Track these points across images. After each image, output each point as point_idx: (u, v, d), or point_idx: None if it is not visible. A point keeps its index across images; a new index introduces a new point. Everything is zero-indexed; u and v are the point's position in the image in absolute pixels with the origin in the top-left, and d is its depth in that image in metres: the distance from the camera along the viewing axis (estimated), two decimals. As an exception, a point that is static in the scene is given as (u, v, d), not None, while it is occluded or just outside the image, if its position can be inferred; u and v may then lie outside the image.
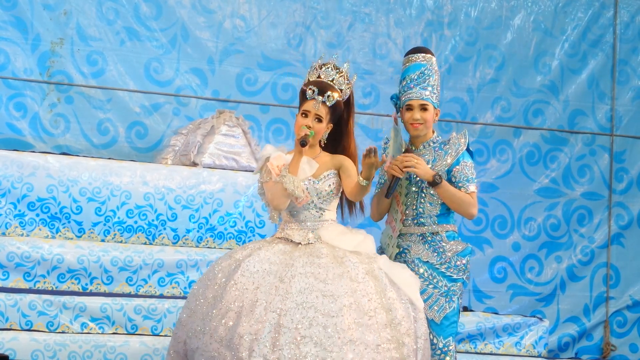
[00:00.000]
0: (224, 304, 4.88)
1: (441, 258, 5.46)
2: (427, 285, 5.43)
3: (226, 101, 8.23)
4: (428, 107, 5.51)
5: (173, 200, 7.23)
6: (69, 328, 6.62)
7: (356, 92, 8.64)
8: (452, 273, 5.45)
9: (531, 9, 8.92)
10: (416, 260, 5.47)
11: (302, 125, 5.15)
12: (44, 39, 7.88)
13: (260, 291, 4.87)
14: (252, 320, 4.78)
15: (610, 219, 8.97)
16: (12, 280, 6.74)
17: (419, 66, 5.56)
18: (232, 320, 4.81)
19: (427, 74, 5.54)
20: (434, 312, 5.40)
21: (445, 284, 5.44)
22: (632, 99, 9.09)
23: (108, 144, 8.01)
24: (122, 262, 6.91)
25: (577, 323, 8.84)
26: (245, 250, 5.13)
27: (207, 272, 5.13)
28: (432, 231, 5.51)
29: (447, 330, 5.42)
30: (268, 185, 5.16)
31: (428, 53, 5.61)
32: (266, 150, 5.25)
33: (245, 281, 4.91)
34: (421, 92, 5.51)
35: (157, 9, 8.15)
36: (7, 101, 7.77)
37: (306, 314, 4.80)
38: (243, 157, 7.55)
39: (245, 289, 4.88)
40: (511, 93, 8.88)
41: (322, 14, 8.51)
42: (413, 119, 5.50)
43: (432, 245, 5.49)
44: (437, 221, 5.51)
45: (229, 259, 5.10)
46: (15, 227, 6.95)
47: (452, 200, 5.44)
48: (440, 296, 5.43)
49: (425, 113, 5.51)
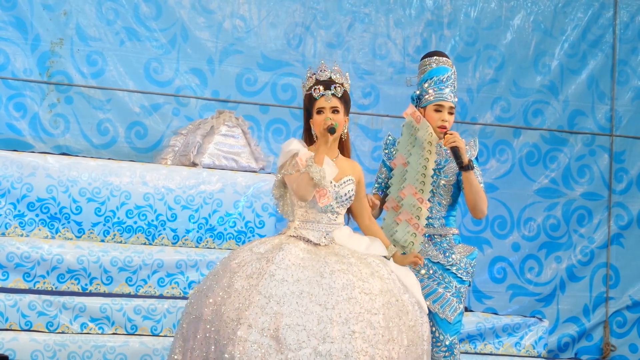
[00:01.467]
0: (261, 294, 4.79)
1: (450, 259, 5.47)
2: (438, 285, 5.45)
3: (226, 101, 8.23)
4: (454, 112, 5.51)
5: (173, 201, 7.23)
6: (69, 328, 6.62)
7: (356, 92, 8.70)
8: (462, 275, 5.47)
9: (531, 9, 8.92)
10: (426, 260, 5.48)
11: (323, 120, 5.14)
12: (44, 39, 7.88)
13: (301, 284, 4.82)
14: (298, 311, 4.74)
15: (610, 219, 8.97)
16: (11, 281, 6.74)
17: (447, 70, 5.55)
18: (274, 311, 4.74)
19: (454, 79, 5.55)
20: (447, 312, 5.42)
21: (456, 285, 5.46)
22: (632, 99, 9.09)
23: (108, 144, 8.01)
24: (121, 263, 6.91)
25: (577, 323, 8.84)
26: (265, 244, 5.06)
27: (224, 266, 5.00)
28: (439, 233, 5.52)
29: (454, 328, 5.44)
30: (293, 177, 5.11)
31: (450, 61, 5.61)
32: (293, 145, 5.18)
33: (283, 273, 4.84)
34: (451, 96, 5.50)
35: (156, 9, 8.15)
36: (6, 101, 7.77)
37: (353, 309, 4.80)
38: (243, 157, 7.55)
39: (285, 281, 4.81)
40: (511, 93, 8.88)
41: (321, 14, 8.51)
42: (442, 120, 5.47)
43: (440, 246, 5.51)
44: (444, 223, 5.53)
45: (248, 252, 5.00)
46: (15, 227, 6.95)
47: (476, 191, 5.42)
48: (452, 296, 5.44)
49: (451, 117, 5.49)
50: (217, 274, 4.99)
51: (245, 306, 4.76)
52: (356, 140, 8.49)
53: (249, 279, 4.85)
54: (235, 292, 4.83)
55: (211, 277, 5.02)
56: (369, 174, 8.52)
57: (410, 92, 5.71)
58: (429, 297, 5.43)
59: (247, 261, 4.94)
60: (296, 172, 5.09)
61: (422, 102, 5.52)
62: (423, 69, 5.59)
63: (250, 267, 4.91)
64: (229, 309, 4.79)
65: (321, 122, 5.12)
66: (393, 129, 8.55)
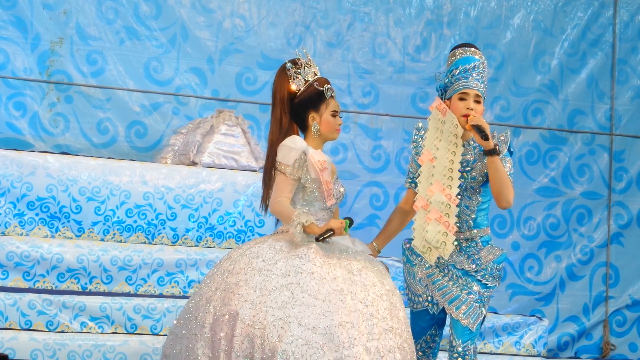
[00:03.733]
0: (306, 292, 4.78)
1: (477, 265, 5.26)
2: (461, 291, 5.25)
3: (226, 100, 8.23)
4: (481, 100, 5.26)
5: (172, 200, 7.23)
6: (69, 327, 6.62)
7: (356, 91, 8.70)
8: (488, 280, 5.27)
9: (531, 9, 8.92)
10: (450, 266, 5.28)
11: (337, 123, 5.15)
12: (44, 38, 7.88)
13: (339, 281, 4.82)
14: (345, 309, 4.74)
15: (610, 218, 8.97)
16: (11, 280, 6.74)
17: (473, 59, 5.31)
18: (321, 308, 4.73)
19: (482, 69, 5.30)
20: (469, 320, 5.23)
21: (479, 290, 5.25)
22: (632, 98, 9.09)
23: (107, 143, 8.01)
24: (121, 262, 6.91)
25: (577, 322, 8.84)
26: (280, 242, 5.01)
27: (240, 264, 4.91)
28: (467, 237, 5.29)
29: (471, 334, 5.25)
30: (286, 183, 5.09)
31: (480, 52, 5.39)
32: (302, 143, 5.12)
33: (321, 271, 4.83)
34: (477, 84, 5.25)
35: (156, 9, 8.15)
36: (6, 100, 7.77)
37: (386, 306, 4.87)
38: (242, 156, 7.55)
39: (324, 279, 4.81)
40: (511, 92, 8.88)
41: (321, 13, 8.51)
42: (467, 108, 5.21)
43: (466, 252, 5.28)
44: (472, 227, 5.29)
45: (270, 250, 4.96)
46: (14, 226, 6.95)
47: (501, 179, 5.12)
48: (475, 302, 5.25)
49: (478, 106, 5.23)
50: (239, 273, 4.90)
51: (291, 304, 4.74)
52: (356, 140, 8.49)
53: (286, 276, 4.82)
54: (276, 291, 4.79)
55: (235, 275, 4.91)
56: (369, 173, 8.56)
57: (412, 91, 5.67)
58: (453, 303, 5.25)
59: (277, 259, 4.90)
60: (288, 175, 5.06)
61: (448, 93, 5.30)
62: (450, 61, 5.36)
63: (284, 264, 4.87)
64: (272, 307, 4.74)
65: (334, 125, 5.13)
66: (393, 128, 8.56)
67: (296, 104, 5.17)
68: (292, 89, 5.17)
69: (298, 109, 5.17)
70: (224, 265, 5.02)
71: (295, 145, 5.08)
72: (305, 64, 5.20)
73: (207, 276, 5.05)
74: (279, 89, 5.18)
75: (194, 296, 5.03)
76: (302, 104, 5.18)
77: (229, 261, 5.01)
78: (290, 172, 5.08)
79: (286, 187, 5.07)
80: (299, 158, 5.08)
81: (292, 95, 5.17)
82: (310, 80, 5.19)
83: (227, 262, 5.02)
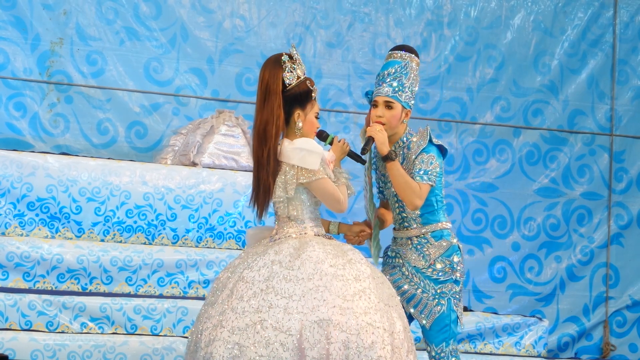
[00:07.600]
0: (374, 293, 4.88)
1: (426, 261, 5.28)
2: (416, 289, 5.29)
3: (226, 101, 8.23)
4: (394, 105, 5.27)
5: (172, 200, 7.23)
6: (69, 328, 6.62)
7: (356, 91, 8.70)
8: (439, 275, 5.25)
9: (531, 9, 8.92)
10: (406, 264, 5.33)
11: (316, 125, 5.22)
12: (44, 38, 7.88)
13: (362, 281, 4.88)
14: (372, 309, 4.82)
15: (610, 218, 8.97)
16: (11, 280, 6.74)
17: (393, 63, 5.33)
18: (350, 308, 4.79)
19: (400, 72, 5.30)
20: (424, 318, 5.25)
21: (433, 286, 5.26)
22: (632, 98, 9.09)
23: (107, 143, 8.01)
24: (121, 262, 6.91)
25: (577, 323, 8.84)
26: (291, 240, 5.05)
27: (317, 271, 4.91)
28: (418, 234, 5.32)
29: (439, 335, 5.25)
30: (328, 185, 5.11)
31: (409, 52, 5.38)
32: (317, 147, 5.14)
33: (345, 273, 4.88)
34: (388, 89, 5.27)
35: (156, 9, 8.15)
36: (6, 101, 7.77)
37: (400, 304, 5.06)
38: (242, 157, 7.55)
39: (348, 280, 4.86)
40: (511, 93, 8.88)
41: (321, 13, 8.51)
42: (377, 116, 5.28)
43: (418, 248, 5.31)
44: (421, 222, 5.32)
45: (290, 250, 4.98)
46: (14, 227, 6.95)
47: (398, 183, 5.18)
48: (429, 300, 5.26)
49: (390, 112, 5.27)
50: (313, 277, 4.90)
51: (371, 307, 4.83)
52: (356, 140, 8.48)
53: (356, 281, 4.88)
54: (360, 295, 4.86)
55: (309, 281, 4.90)
56: (369, 173, 8.56)
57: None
58: (410, 302, 5.30)
59: (342, 263, 4.95)
60: (323, 177, 5.09)
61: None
62: None
63: (351, 268, 4.93)
64: (358, 312, 4.81)
65: (314, 126, 5.17)
66: (393, 129, 8.56)
67: (285, 97, 5.16)
68: (285, 81, 5.17)
69: (285, 103, 5.17)
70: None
71: (317, 150, 5.10)
72: (297, 61, 5.21)
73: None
74: (274, 79, 5.18)
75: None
76: (291, 99, 5.17)
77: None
78: (328, 175, 5.14)
79: (332, 185, 5.13)
80: (322, 162, 5.14)
81: (282, 88, 5.18)
82: (302, 77, 5.19)
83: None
